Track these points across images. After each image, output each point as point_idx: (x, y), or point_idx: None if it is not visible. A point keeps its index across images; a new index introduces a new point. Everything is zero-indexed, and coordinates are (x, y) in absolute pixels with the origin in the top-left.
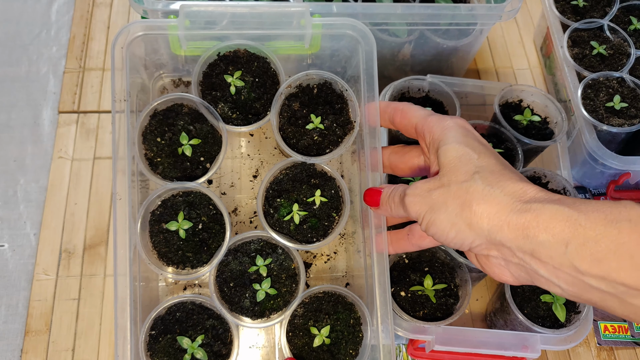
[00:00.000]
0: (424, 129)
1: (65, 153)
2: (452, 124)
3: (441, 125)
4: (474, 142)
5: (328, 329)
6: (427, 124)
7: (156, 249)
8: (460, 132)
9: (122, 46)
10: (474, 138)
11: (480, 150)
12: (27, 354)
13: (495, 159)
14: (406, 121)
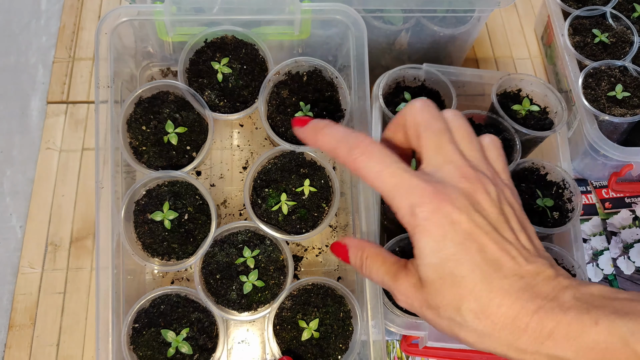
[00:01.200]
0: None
1: (53, 144)
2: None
3: (411, 225)
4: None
5: (317, 322)
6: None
7: (141, 239)
8: (437, 236)
9: (106, 32)
10: (456, 235)
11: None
12: (11, 349)
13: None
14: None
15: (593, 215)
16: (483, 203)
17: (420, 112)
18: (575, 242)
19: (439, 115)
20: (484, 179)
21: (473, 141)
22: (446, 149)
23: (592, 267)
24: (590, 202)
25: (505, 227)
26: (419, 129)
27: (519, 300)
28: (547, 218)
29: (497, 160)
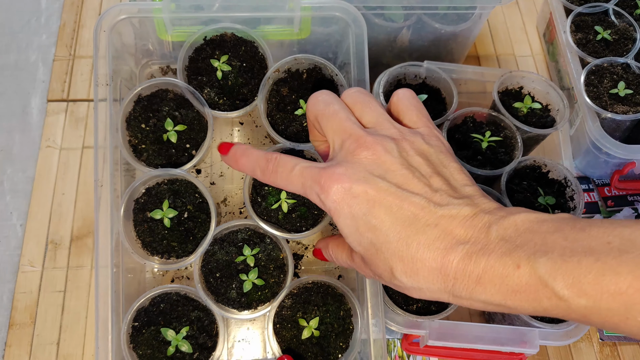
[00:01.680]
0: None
1: (53, 142)
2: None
3: (326, 212)
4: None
5: (317, 320)
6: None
7: (140, 238)
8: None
9: (105, 29)
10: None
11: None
12: (11, 347)
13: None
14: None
15: (595, 214)
16: (385, 164)
17: (314, 105)
18: None
19: (332, 99)
20: (383, 141)
21: (373, 108)
22: (342, 127)
23: None
24: (593, 200)
25: (411, 180)
26: (319, 120)
27: (438, 250)
28: None
29: (408, 112)
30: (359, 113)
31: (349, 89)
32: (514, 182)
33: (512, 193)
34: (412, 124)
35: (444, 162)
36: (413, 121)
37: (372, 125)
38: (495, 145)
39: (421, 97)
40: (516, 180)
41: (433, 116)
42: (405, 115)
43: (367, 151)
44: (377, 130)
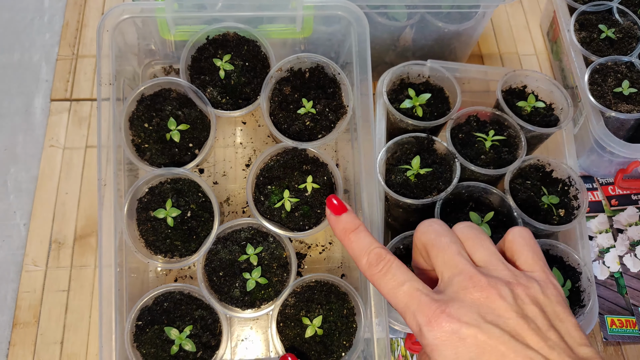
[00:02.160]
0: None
1: (56, 142)
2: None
3: (423, 345)
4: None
5: (320, 319)
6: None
7: (143, 237)
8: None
9: (108, 29)
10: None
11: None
12: (15, 347)
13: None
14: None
15: (599, 213)
16: (498, 310)
17: (425, 234)
18: (581, 240)
19: (444, 231)
20: (497, 284)
21: (485, 246)
22: (454, 262)
23: (599, 265)
24: (596, 199)
25: (526, 331)
26: (428, 249)
27: None
28: (553, 215)
29: (523, 253)
30: (470, 249)
31: (460, 223)
32: (518, 182)
33: (516, 192)
34: (527, 266)
35: (560, 315)
36: (528, 264)
37: (484, 264)
38: (499, 144)
39: (424, 96)
40: (520, 179)
41: (436, 115)
42: (519, 257)
43: (481, 292)
44: (490, 270)
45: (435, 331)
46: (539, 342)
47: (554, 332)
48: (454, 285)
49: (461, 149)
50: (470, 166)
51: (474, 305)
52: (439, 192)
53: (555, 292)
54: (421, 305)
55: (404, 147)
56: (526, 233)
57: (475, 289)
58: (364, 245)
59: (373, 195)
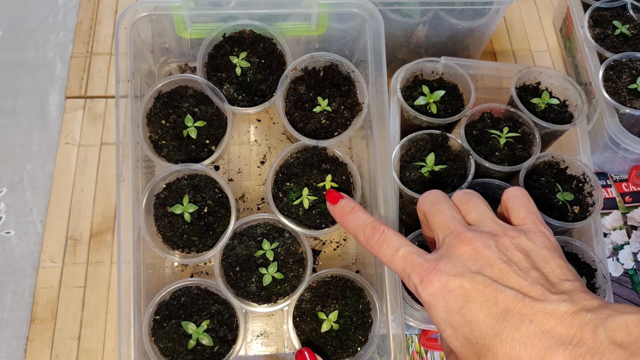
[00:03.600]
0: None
1: (71, 139)
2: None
3: (422, 302)
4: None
5: (336, 314)
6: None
7: (161, 233)
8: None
9: (125, 27)
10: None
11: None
12: (33, 342)
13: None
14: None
15: (613, 209)
16: (483, 259)
17: (423, 203)
18: (595, 237)
19: (440, 198)
20: (482, 236)
21: (478, 207)
22: (447, 223)
23: (613, 262)
24: (610, 195)
25: (508, 273)
26: (427, 217)
27: (535, 349)
28: (567, 212)
29: (515, 209)
30: (464, 212)
31: (458, 190)
32: (532, 178)
33: (531, 189)
34: (519, 221)
35: (545, 257)
36: (520, 218)
37: (476, 222)
38: (513, 141)
39: (438, 93)
40: (534, 176)
41: (450, 112)
42: (512, 213)
43: (466, 246)
44: (480, 227)
45: (427, 288)
46: (519, 281)
47: (535, 272)
48: (445, 244)
49: (475, 146)
50: (484, 163)
51: (461, 259)
52: (454, 188)
53: (542, 239)
54: (415, 266)
55: (418, 144)
56: (519, 191)
57: (462, 243)
58: (359, 222)
59: (388, 192)
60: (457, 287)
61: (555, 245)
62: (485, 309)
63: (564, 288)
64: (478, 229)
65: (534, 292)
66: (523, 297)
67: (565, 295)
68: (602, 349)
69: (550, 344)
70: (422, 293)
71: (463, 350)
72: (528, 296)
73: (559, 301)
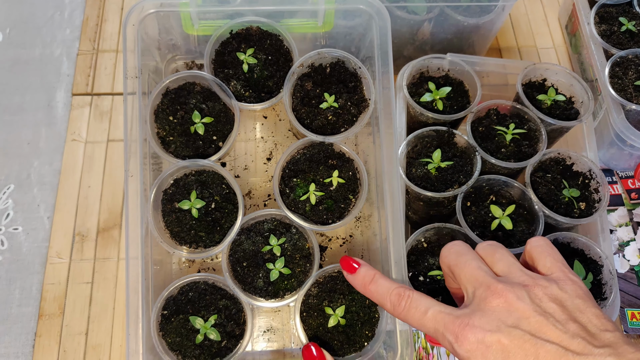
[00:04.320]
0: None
1: (78, 135)
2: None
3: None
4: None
5: (343, 309)
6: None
7: (168, 228)
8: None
9: (133, 23)
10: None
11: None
12: (41, 337)
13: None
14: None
15: (619, 206)
16: (517, 312)
17: (447, 256)
18: (602, 233)
19: (465, 250)
20: (514, 288)
21: (505, 258)
22: (474, 276)
23: (619, 258)
24: (616, 192)
25: (546, 326)
26: (452, 270)
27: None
28: (574, 209)
29: (541, 259)
30: (490, 263)
31: (481, 242)
32: (538, 175)
33: (537, 185)
34: (546, 270)
35: (580, 307)
36: (547, 267)
37: (504, 274)
38: (519, 137)
39: (444, 90)
40: (540, 172)
41: (456, 109)
42: (539, 262)
43: (499, 299)
44: (509, 278)
45: (464, 345)
46: (559, 335)
47: (574, 324)
48: (476, 298)
49: (481, 142)
50: (490, 159)
51: (495, 312)
52: (460, 185)
53: (574, 287)
54: (447, 324)
55: (425, 140)
56: (543, 241)
57: (494, 296)
58: (384, 291)
59: (394, 189)
60: (494, 342)
61: (587, 293)
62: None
63: (606, 340)
64: (508, 281)
65: (575, 346)
66: (565, 351)
67: (610, 349)
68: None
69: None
70: (458, 350)
71: None
72: (570, 350)
73: (604, 355)
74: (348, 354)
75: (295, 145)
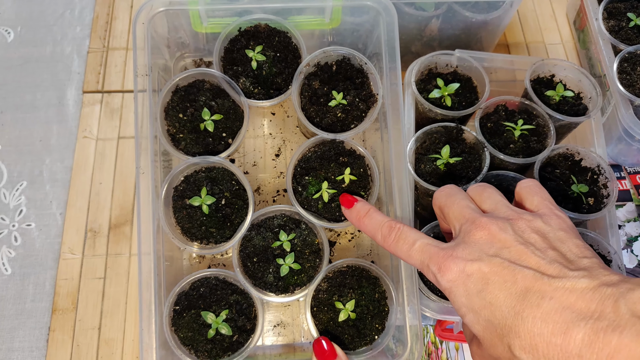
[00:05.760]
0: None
1: (89, 133)
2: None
3: (442, 290)
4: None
5: (353, 303)
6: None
7: (180, 224)
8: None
9: (143, 22)
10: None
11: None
12: (55, 332)
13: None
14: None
15: (627, 201)
16: (500, 242)
17: (439, 197)
18: (610, 228)
19: (454, 191)
20: (498, 221)
21: (493, 196)
22: (462, 213)
23: (627, 253)
24: (624, 188)
25: (525, 254)
26: (442, 210)
27: (556, 324)
28: (582, 204)
29: (529, 197)
30: (479, 202)
31: (472, 184)
32: (547, 170)
33: (545, 181)
34: (534, 207)
35: (562, 238)
36: (534, 205)
37: (491, 210)
38: (528, 133)
39: (453, 86)
40: (549, 168)
41: (465, 105)
42: (526, 201)
43: (482, 231)
44: (495, 214)
45: (446, 275)
46: (537, 261)
47: (553, 251)
48: (461, 232)
49: (490, 138)
50: (499, 155)
51: (477, 244)
52: (469, 181)
53: (558, 221)
54: (432, 255)
55: (433, 136)
56: (532, 182)
57: (478, 229)
58: (376, 223)
59: (403, 185)
60: (475, 271)
61: (571, 226)
62: (504, 289)
63: (582, 265)
64: (493, 215)
65: (552, 270)
66: (541, 275)
67: (584, 272)
68: (623, 322)
69: (571, 319)
70: (441, 280)
71: (485, 333)
72: (546, 274)
73: (578, 277)
74: (359, 347)
75: (306, 144)
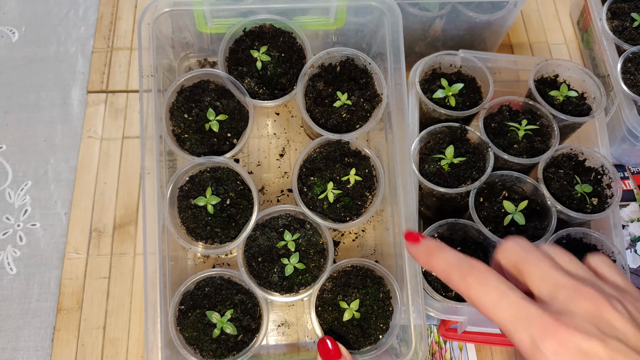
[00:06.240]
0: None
1: (94, 133)
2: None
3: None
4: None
5: (357, 303)
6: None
7: (185, 224)
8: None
9: (148, 22)
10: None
11: None
12: (60, 332)
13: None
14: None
15: (631, 201)
16: (614, 322)
17: (513, 251)
18: (614, 229)
19: (532, 247)
20: (606, 295)
21: (577, 262)
22: (552, 275)
23: (630, 253)
24: (628, 188)
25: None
26: (518, 266)
27: None
28: (586, 204)
29: (612, 274)
30: (561, 264)
31: (544, 244)
32: (551, 171)
33: (549, 181)
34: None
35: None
36: (619, 283)
37: (582, 278)
38: (532, 133)
39: (457, 86)
40: (553, 168)
41: (469, 105)
42: (604, 274)
43: (590, 303)
44: (592, 283)
45: (553, 344)
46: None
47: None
48: (559, 297)
49: (494, 139)
50: (503, 155)
51: (587, 316)
52: (473, 181)
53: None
54: (532, 316)
55: (437, 136)
56: (607, 259)
57: (585, 299)
58: (451, 260)
59: (407, 184)
60: (594, 350)
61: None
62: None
63: None
64: (593, 285)
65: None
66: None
67: None
68: None
69: None
70: (543, 348)
71: None
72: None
73: None
74: (363, 347)
75: (312, 145)
